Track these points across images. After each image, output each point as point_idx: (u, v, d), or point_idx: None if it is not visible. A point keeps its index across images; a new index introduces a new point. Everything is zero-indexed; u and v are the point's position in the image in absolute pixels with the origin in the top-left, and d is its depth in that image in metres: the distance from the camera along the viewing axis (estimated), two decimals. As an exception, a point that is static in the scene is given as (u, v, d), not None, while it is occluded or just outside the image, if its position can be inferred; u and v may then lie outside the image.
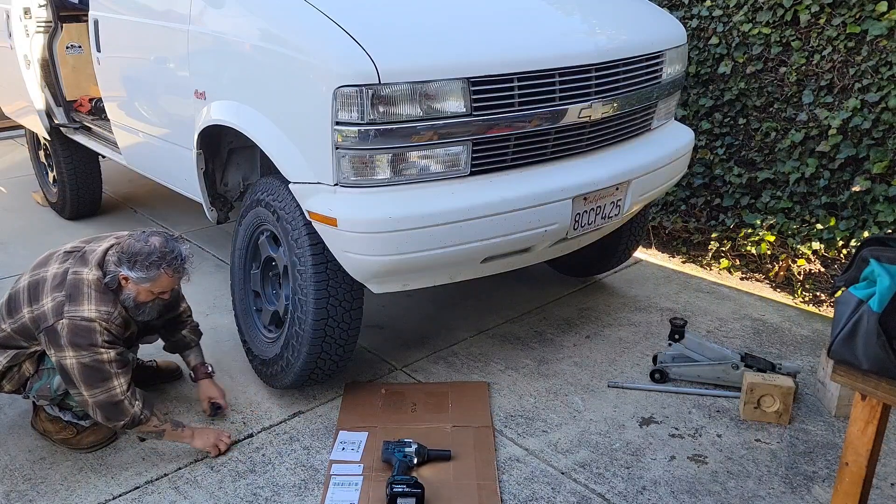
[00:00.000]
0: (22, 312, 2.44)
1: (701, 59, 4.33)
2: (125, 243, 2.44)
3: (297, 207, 2.61)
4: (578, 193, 2.71)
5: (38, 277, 2.47)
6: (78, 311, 2.35)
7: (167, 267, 2.43)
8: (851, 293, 1.63)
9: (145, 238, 2.44)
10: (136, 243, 2.42)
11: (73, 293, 2.38)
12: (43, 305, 2.40)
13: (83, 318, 2.34)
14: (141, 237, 2.45)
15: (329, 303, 2.63)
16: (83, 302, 2.37)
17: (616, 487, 2.46)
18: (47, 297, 2.40)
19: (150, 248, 2.41)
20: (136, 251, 2.41)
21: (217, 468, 2.55)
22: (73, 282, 2.40)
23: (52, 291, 2.41)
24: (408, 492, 2.30)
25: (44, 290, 2.43)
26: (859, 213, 3.82)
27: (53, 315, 2.36)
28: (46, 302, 2.40)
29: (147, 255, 2.40)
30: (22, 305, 2.45)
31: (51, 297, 2.40)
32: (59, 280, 2.42)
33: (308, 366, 2.72)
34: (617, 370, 3.15)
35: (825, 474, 2.52)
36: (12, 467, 2.56)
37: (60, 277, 2.43)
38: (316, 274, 2.59)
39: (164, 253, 2.43)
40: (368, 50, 2.30)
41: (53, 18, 4.42)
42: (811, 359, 3.23)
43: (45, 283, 2.44)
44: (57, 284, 2.42)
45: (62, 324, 2.34)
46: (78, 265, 2.45)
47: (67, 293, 2.38)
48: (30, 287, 2.47)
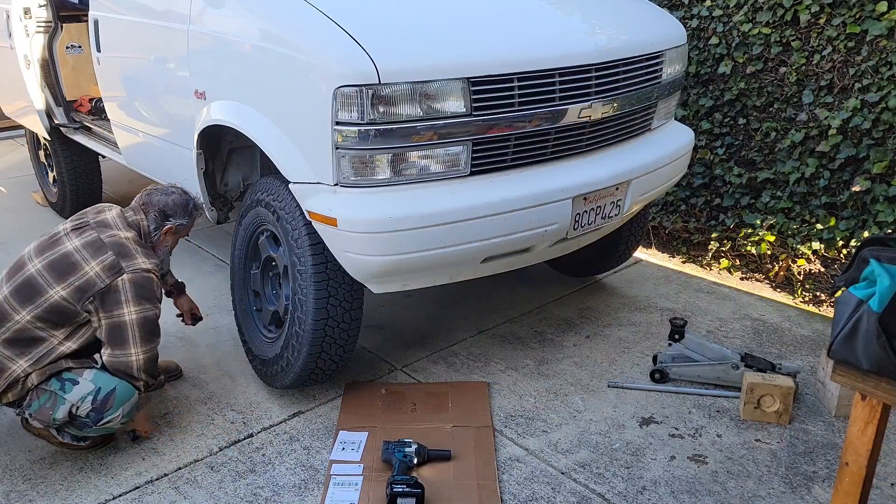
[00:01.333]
0: (48, 293, 2.36)
1: (701, 59, 4.33)
2: (161, 200, 2.63)
3: (297, 207, 2.61)
4: (578, 193, 2.71)
5: (57, 255, 2.41)
6: (136, 265, 2.42)
7: (195, 210, 2.74)
8: (851, 293, 1.63)
9: (169, 192, 2.68)
10: (167, 198, 2.64)
11: (121, 251, 2.42)
12: (86, 273, 2.37)
13: (143, 269, 2.43)
14: (165, 191, 2.67)
15: (329, 303, 2.63)
16: (136, 256, 2.44)
17: (616, 487, 2.46)
18: (89, 263, 2.38)
19: (184, 197, 2.69)
20: (175, 203, 2.65)
21: (217, 468, 2.55)
22: (115, 242, 2.44)
23: (93, 258, 2.39)
24: (408, 492, 2.30)
25: (80, 261, 2.38)
26: (859, 213, 3.82)
27: (109, 275, 2.37)
28: (91, 268, 2.37)
29: (185, 204, 2.68)
30: (46, 287, 2.37)
31: (95, 261, 2.38)
32: (96, 246, 2.41)
33: (308, 366, 2.72)
34: (617, 370, 3.15)
35: (825, 474, 2.52)
36: (12, 467, 2.56)
37: (95, 244, 2.42)
38: (316, 274, 2.59)
39: (190, 198, 2.73)
40: (368, 50, 2.30)
41: (53, 18, 4.42)
42: (811, 359, 3.23)
43: (74, 255, 2.40)
44: (95, 250, 2.40)
45: (123, 280, 2.38)
46: (106, 230, 2.48)
47: (116, 251, 2.41)
48: (52, 266, 2.39)
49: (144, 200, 2.65)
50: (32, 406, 2.43)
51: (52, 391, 2.41)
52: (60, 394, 2.41)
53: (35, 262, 2.44)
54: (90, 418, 2.43)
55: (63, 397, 2.41)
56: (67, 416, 2.42)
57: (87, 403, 2.41)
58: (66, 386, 2.42)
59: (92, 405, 2.42)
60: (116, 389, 2.45)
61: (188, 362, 3.19)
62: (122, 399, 2.46)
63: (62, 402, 2.41)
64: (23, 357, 2.40)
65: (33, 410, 2.43)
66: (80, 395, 2.41)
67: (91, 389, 2.42)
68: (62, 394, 2.41)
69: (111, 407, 2.44)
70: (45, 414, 2.42)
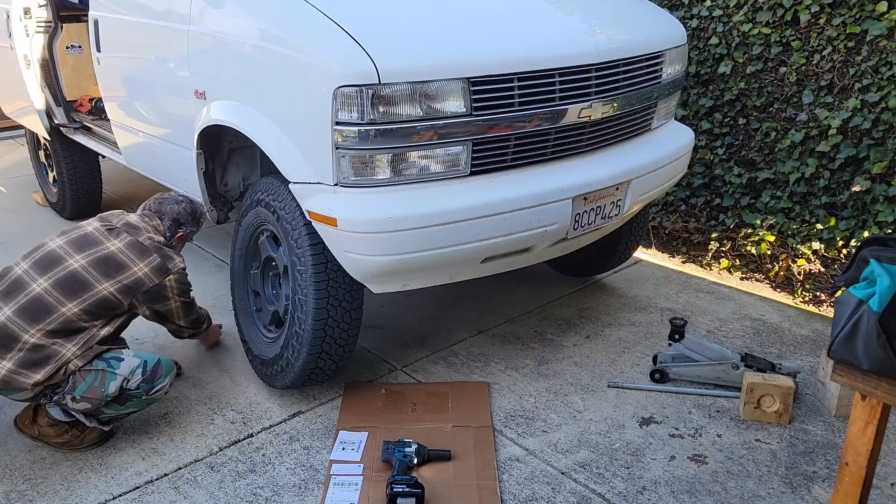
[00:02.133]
0: (97, 289, 2.51)
1: (701, 59, 4.33)
2: (173, 209, 2.87)
3: (297, 207, 2.61)
4: (578, 193, 2.71)
5: (102, 255, 2.57)
6: (178, 265, 2.71)
7: (202, 217, 3.02)
8: (851, 293, 1.63)
9: (178, 200, 2.91)
10: (179, 206, 2.89)
11: (164, 253, 2.68)
12: (135, 273, 2.58)
13: (182, 268, 2.74)
14: (174, 200, 2.91)
15: (329, 303, 2.63)
16: (174, 257, 2.72)
17: (616, 487, 2.46)
18: (137, 265, 2.59)
19: (193, 206, 2.94)
20: (189, 211, 2.92)
21: (217, 468, 2.55)
22: (156, 246, 2.69)
23: (140, 259, 2.61)
24: (408, 492, 2.30)
25: (127, 262, 2.58)
26: (859, 213, 3.82)
27: (158, 275, 2.63)
28: (140, 268, 2.59)
29: (194, 211, 2.94)
30: (94, 283, 2.51)
31: (143, 262, 2.61)
32: (140, 248, 2.63)
33: (308, 366, 2.72)
34: (617, 370, 3.15)
35: (825, 474, 2.52)
36: (12, 467, 2.56)
37: (139, 247, 2.63)
38: (316, 274, 2.59)
39: (198, 206, 2.99)
40: (368, 50, 2.30)
41: (53, 18, 4.42)
42: (811, 359, 3.23)
43: (120, 256, 2.58)
44: (140, 252, 2.62)
45: (171, 280, 2.68)
46: (140, 234, 2.69)
47: (160, 255, 2.66)
48: (98, 264, 2.54)
49: (156, 209, 2.87)
50: (79, 388, 2.48)
51: (100, 369, 2.50)
52: (109, 370, 2.50)
53: (77, 257, 2.55)
54: (141, 389, 2.56)
55: (114, 373, 2.50)
56: (118, 390, 2.51)
57: (137, 375, 2.54)
58: (112, 363, 2.52)
59: (143, 376, 2.55)
60: (161, 361, 2.62)
61: (188, 362, 3.19)
62: (167, 369, 2.64)
63: (113, 378, 2.50)
64: (70, 342, 2.48)
65: (80, 392, 2.48)
66: (130, 368, 2.53)
67: (139, 363, 2.56)
68: (111, 370, 2.51)
69: (161, 376, 2.60)
70: (97, 392, 2.49)
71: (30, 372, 2.42)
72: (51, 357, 2.44)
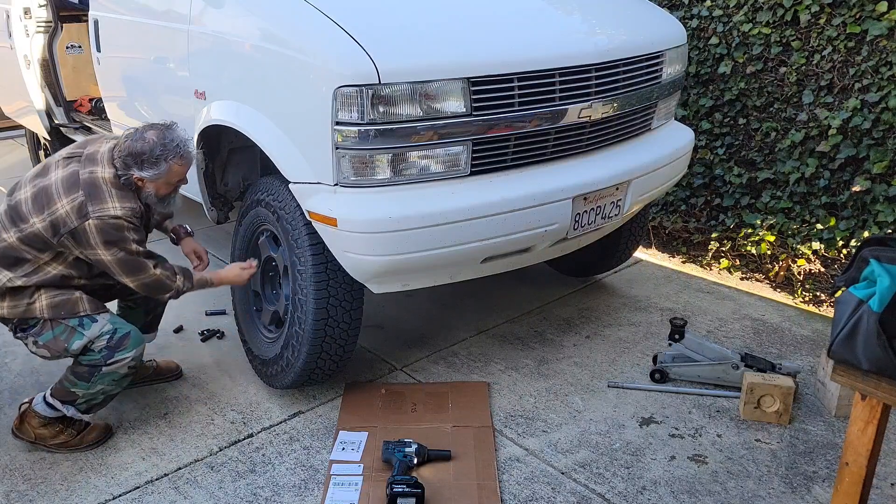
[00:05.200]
0: (31, 221, 2.40)
1: (701, 59, 4.33)
2: (124, 146, 2.43)
3: (297, 207, 2.61)
4: (578, 193, 2.71)
5: (42, 185, 2.43)
6: (104, 210, 2.35)
7: (174, 158, 2.44)
8: (851, 293, 1.63)
9: (141, 135, 2.42)
10: (135, 143, 2.41)
11: (92, 192, 2.36)
12: (57, 210, 2.36)
13: (110, 216, 2.36)
14: (137, 136, 2.43)
15: (329, 303, 2.63)
16: (106, 200, 2.37)
17: (616, 487, 2.46)
18: (61, 200, 2.37)
19: (150, 144, 2.40)
20: (139, 151, 2.40)
21: (217, 468, 2.55)
22: (89, 181, 2.38)
23: (65, 194, 2.37)
24: (408, 492, 2.30)
25: (55, 195, 2.38)
26: (859, 213, 3.82)
27: (77, 217, 2.35)
28: (62, 205, 2.36)
29: (150, 151, 2.40)
30: (29, 215, 2.41)
31: (67, 199, 2.36)
32: (71, 182, 2.38)
33: (308, 365, 2.72)
34: (617, 370, 3.15)
35: (825, 474, 2.52)
36: (12, 467, 2.56)
37: (71, 179, 2.39)
38: (316, 274, 2.59)
39: (165, 145, 2.42)
40: (368, 50, 2.30)
41: (53, 18, 4.42)
42: (811, 359, 3.23)
43: (52, 188, 2.40)
44: (69, 186, 2.38)
45: (90, 224, 2.34)
46: (87, 165, 2.42)
47: (86, 192, 2.36)
48: (35, 196, 2.42)
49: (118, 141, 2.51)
50: (44, 336, 2.48)
51: (71, 326, 2.47)
52: (79, 329, 2.47)
53: (27, 188, 2.48)
54: (102, 355, 2.48)
55: (82, 332, 2.47)
56: (81, 349, 2.48)
57: (102, 340, 2.48)
58: (84, 322, 2.49)
59: (107, 343, 2.48)
60: (131, 333, 2.53)
61: (188, 362, 3.19)
62: (135, 342, 2.53)
63: (80, 337, 2.47)
64: (12, 271, 2.43)
65: (45, 340, 2.48)
66: (99, 331, 2.49)
67: (109, 329, 2.50)
68: (81, 329, 2.47)
69: (124, 348, 2.50)
70: (59, 345, 2.47)
71: None
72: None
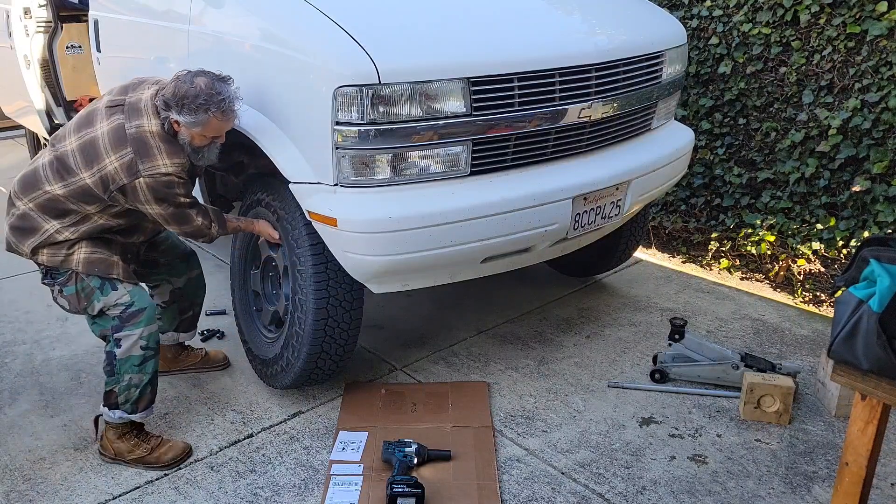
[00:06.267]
0: (79, 175, 2.37)
1: (701, 59, 4.33)
2: (170, 87, 2.36)
3: (297, 207, 2.61)
4: (578, 193, 2.71)
5: (89, 138, 2.38)
6: (155, 168, 2.33)
7: (216, 111, 2.35)
8: (851, 293, 1.63)
9: (190, 79, 2.35)
10: (181, 85, 2.34)
11: (141, 149, 2.33)
12: (106, 166, 2.33)
13: (161, 173, 2.34)
14: (186, 78, 2.36)
15: (329, 303, 2.63)
16: (155, 157, 2.34)
17: (616, 487, 2.46)
18: (109, 157, 2.33)
19: (196, 90, 2.32)
20: (183, 94, 2.32)
21: (217, 468, 2.55)
22: (137, 137, 2.34)
23: (114, 151, 2.33)
24: (408, 492, 2.30)
25: (102, 151, 2.35)
26: (859, 213, 3.82)
27: (127, 175, 2.32)
28: (111, 162, 2.33)
29: (193, 97, 2.32)
30: (76, 168, 2.37)
31: (115, 155, 2.33)
32: (118, 137, 2.34)
33: (308, 366, 2.72)
34: (617, 370, 3.15)
35: (825, 474, 2.52)
36: (12, 467, 2.56)
37: (118, 134, 2.34)
38: (316, 274, 2.59)
39: (211, 95, 2.34)
40: (368, 50, 2.30)
41: (53, 18, 4.42)
42: (811, 359, 3.23)
43: (100, 142, 2.36)
44: (117, 142, 2.34)
45: (140, 182, 2.33)
46: (133, 118, 2.37)
47: (136, 149, 2.32)
48: (83, 149, 2.37)
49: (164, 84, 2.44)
50: (68, 288, 2.48)
51: (93, 286, 2.47)
52: (99, 290, 2.47)
53: (72, 139, 2.42)
54: (113, 324, 2.48)
55: (100, 294, 2.47)
56: (98, 311, 2.49)
57: (117, 309, 2.48)
58: (105, 287, 2.47)
59: (121, 313, 2.47)
60: (146, 311, 2.50)
61: (188, 362, 3.19)
62: (147, 320, 2.50)
63: (98, 298, 2.47)
64: (57, 221, 2.43)
65: (69, 292, 2.49)
66: (116, 300, 2.48)
67: (126, 301, 2.48)
68: (100, 293, 2.47)
69: (134, 323, 2.47)
70: (80, 301, 2.49)
71: (18, 240, 2.46)
72: (35, 230, 2.43)
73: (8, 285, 3.94)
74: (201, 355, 3.12)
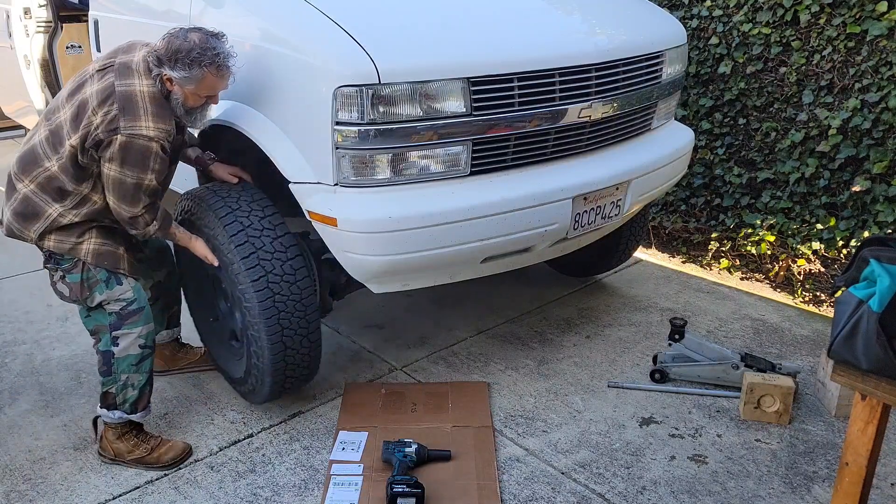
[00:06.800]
0: (67, 142, 2.29)
1: (701, 59, 4.33)
2: (164, 42, 2.28)
3: (230, 240, 2.50)
4: (578, 193, 2.71)
5: (79, 102, 2.30)
6: (136, 128, 2.22)
7: (209, 65, 2.27)
8: (851, 293, 1.63)
9: (184, 34, 2.27)
10: (174, 40, 2.26)
11: (127, 106, 2.23)
12: (91, 124, 2.24)
13: (142, 135, 2.23)
14: (180, 34, 2.28)
15: (284, 335, 2.55)
16: (140, 117, 2.23)
17: (616, 487, 2.46)
18: (96, 114, 2.24)
19: (190, 44, 2.25)
20: (176, 48, 2.24)
21: (217, 468, 2.55)
22: (124, 94, 2.24)
23: (99, 107, 2.24)
24: (408, 492, 2.30)
25: (89, 109, 2.26)
26: (859, 213, 3.82)
27: (105, 130, 2.22)
28: (95, 118, 2.24)
29: (187, 52, 2.24)
30: (67, 136, 2.30)
31: (101, 111, 2.23)
32: (106, 94, 2.25)
33: (275, 388, 2.67)
34: (617, 370, 3.15)
35: (825, 474, 2.52)
36: (12, 467, 2.56)
37: (107, 91, 2.26)
38: (264, 311, 2.50)
39: (205, 49, 2.26)
40: (368, 50, 2.30)
41: (53, 18, 4.42)
42: (811, 359, 3.23)
43: (88, 102, 2.27)
44: (104, 99, 2.24)
45: (117, 140, 2.21)
46: (124, 77, 2.28)
47: (121, 106, 2.22)
48: (74, 116, 2.30)
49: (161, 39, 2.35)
50: (72, 275, 2.44)
51: (99, 278, 2.44)
52: (102, 284, 2.44)
53: (66, 109, 2.35)
54: (110, 320, 2.46)
55: (104, 287, 2.44)
56: (97, 304, 2.46)
57: (118, 305, 2.46)
58: (111, 281, 2.45)
59: (120, 309, 2.45)
60: (145, 310, 2.49)
61: (188, 362, 3.19)
62: (145, 319, 2.48)
63: (101, 291, 2.44)
64: (58, 203, 2.37)
65: (72, 280, 2.44)
66: (119, 294, 2.46)
67: (129, 297, 2.46)
68: (104, 286, 2.44)
69: (132, 322, 2.46)
70: (81, 290, 2.44)
71: (22, 226, 2.40)
72: (39, 214, 2.36)
73: (8, 285, 3.94)
74: (200, 353, 3.12)
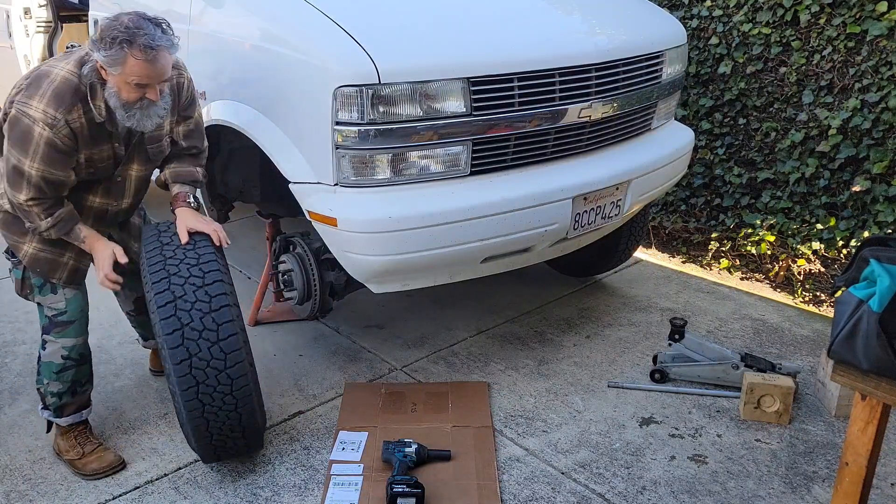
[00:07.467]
0: None
1: (701, 59, 4.33)
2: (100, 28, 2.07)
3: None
4: (578, 193, 2.71)
5: None
6: (26, 105, 2.07)
7: (131, 47, 2.00)
8: (851, 293, 1.63)
9: (117, 16, 2.06)
10: (107, 23, 2.06)
11: (32, 83, 2.09)
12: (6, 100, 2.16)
13: (27, 114, 2.06)
14: (115, 17, 2.07)
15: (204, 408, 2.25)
16: (34, 96, 2.07)
17: (616, 487, 2.46)
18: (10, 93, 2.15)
19: (117, 23, 2.02)
20: (104, 28, 2.03)
21: (217, 468, 2.55)
22: (39, 73, 2.11)
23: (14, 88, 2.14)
24: (408, 492, 2.30)
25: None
26: (859, 213, 3.82)
27: (8, 103, 2.12)
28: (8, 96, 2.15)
29: (111, 31, 2.01)
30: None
31: (14, 89, 2.13)
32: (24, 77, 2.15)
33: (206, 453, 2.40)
34: (617, 370, 3.15)
35: (825, 474, 2.52)
36: (12, 467, 2.56)
37: (26, 74, 2.16)
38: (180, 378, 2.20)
39: (129, 29, 2.00)
40: (368, 50, 2.30)
41: (53, 18, 4.42)
42: (811, 359, 3.23)
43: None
44: (26, 76, 2.14)
45: (10, 113, 2.10)
46: (59, 60, 2.17)
47: (28, 83, 2.10)
48: None
49: None
50: (16, 272, 2.45)
51: (34, 284, 2.44)
52: (37, 288, 2.44)
53: None
54: (44, 323, 2.46)
55: (38, 293, 2.44)
56: (38, 303, 2.46)
57: (50, 311, 2.44)
58: (45, 289, 2.44)
59: (52, 316, 2.44)
60: (74, 324, 2.46)
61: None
62: (74, 333, 2.46)
63: (37, 295, 2.45)
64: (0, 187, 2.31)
65: (16, 276, 2.45)
66: (49, 303, 2.44)
67: (60, 308, 2.44)
68: (38, 291, 2.44)
69: (59, 333, 2.44)
70: (23, 288, 2.45)
71: None
72: None
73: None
74: None
